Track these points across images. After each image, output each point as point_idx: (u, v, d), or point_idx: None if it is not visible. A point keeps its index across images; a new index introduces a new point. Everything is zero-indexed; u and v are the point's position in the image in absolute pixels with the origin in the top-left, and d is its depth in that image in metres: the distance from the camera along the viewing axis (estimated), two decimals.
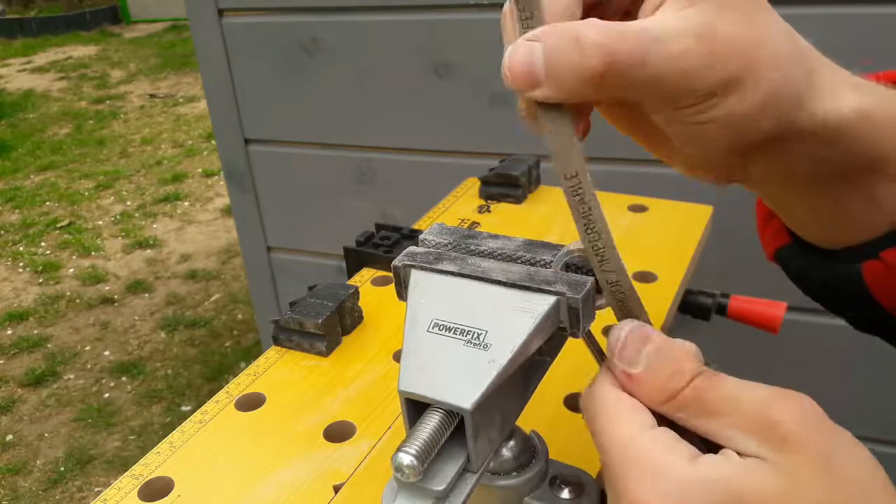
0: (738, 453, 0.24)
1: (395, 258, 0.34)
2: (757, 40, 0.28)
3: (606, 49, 0.25)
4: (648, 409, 0.26)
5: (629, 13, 0.30)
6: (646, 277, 0.61)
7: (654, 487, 0.23)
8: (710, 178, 0.33)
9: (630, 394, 0.26)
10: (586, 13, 0.29)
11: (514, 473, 0.35)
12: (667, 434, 0.25)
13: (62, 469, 2.05)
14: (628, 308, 0.30)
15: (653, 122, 0.30)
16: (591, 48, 0.25)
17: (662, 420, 0.26)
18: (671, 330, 0.59)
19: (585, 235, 0.29)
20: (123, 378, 2.40)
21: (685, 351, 0.26)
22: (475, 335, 0.30)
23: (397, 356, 0.54)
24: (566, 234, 0.69)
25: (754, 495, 0.23)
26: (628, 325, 0.28)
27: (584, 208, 0.28)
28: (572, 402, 0.48)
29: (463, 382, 0.29)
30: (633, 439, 0.24)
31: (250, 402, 0.50)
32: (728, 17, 0.27)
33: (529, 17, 0.27)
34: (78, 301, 2.85)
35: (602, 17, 0.27)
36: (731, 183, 0.33)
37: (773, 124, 0.29)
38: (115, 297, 2.85)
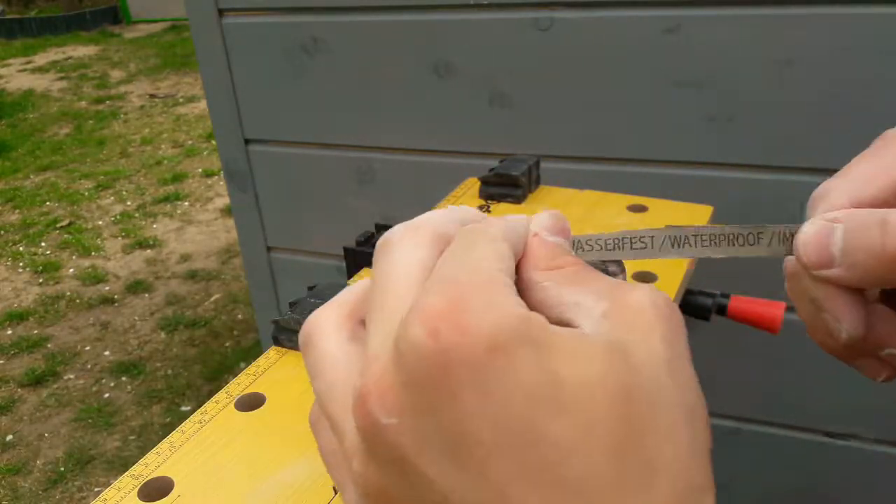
0: (574, 326, 0.22)
1: None
2: None
3: None
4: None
5: None
6: (646, 277, 0.61)
7: (479, 303, 0.20)
8: None
9: (525, 250, 0.26)
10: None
11: None
12: (513, 284, 0.23)
13: (62, 469, 2.05)
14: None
15: None
16: (893, 230, 0.25)
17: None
18: None
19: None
20: (123, 378, 2.40)
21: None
22: None
23: None
24: None
25: (566, 352, 0.20)
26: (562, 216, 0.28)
27: None
28: None
29: None
30: (490, 269, 0.22)
31: (250, 402, 0.50)
32: None
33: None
34: (78, 301, 2.85)
35: None
36: None
37: None
38: (115, 297, 2.85)
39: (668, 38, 0.92)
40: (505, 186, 0.76)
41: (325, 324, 0.25)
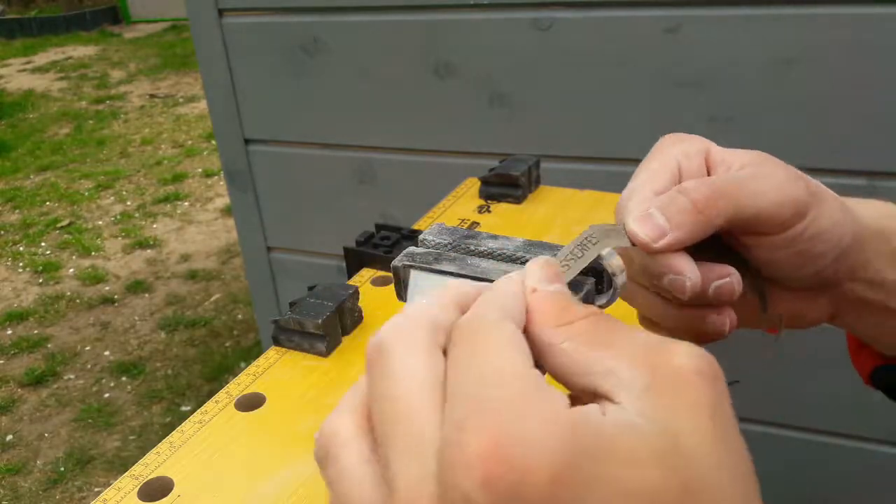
0: (611, 401, 0.21)
1: (394, 258, 0.34)
2: (804, 176, 0.35)
3: (704, 183, 0.34)
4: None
5: None
6: None
7: (522, 428, 0.19)
8: (803, 325, 0.40)
9: (527, 310, 0.24)
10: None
11: None
12: (542, 376, 0.22)
13: (62, 469, 2.05)
14: None
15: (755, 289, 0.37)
16: (692, 189, 0.33)
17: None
18: None
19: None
20: (123, 378, 2.40)
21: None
22: None
23: None
24: (566, 234, 0.69)
25: (625, 459, 0.19)
26: (557, 257, 0.29)
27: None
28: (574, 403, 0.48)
29: None
30: (515, 372, 0.21)
31: (250, 402, 0.50)
32: (783, 164, 0.35)
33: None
34: (78, 301, 2.85)
35: None
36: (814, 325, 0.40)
37: (850, 240, 0.35)
38: (115, 297, 2.85)
39: (668, 38, 0.92)
40: (505, 186, 0.76)
41: (344, 435, 0.23)
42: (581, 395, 0.23)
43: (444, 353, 0.23)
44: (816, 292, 0.38)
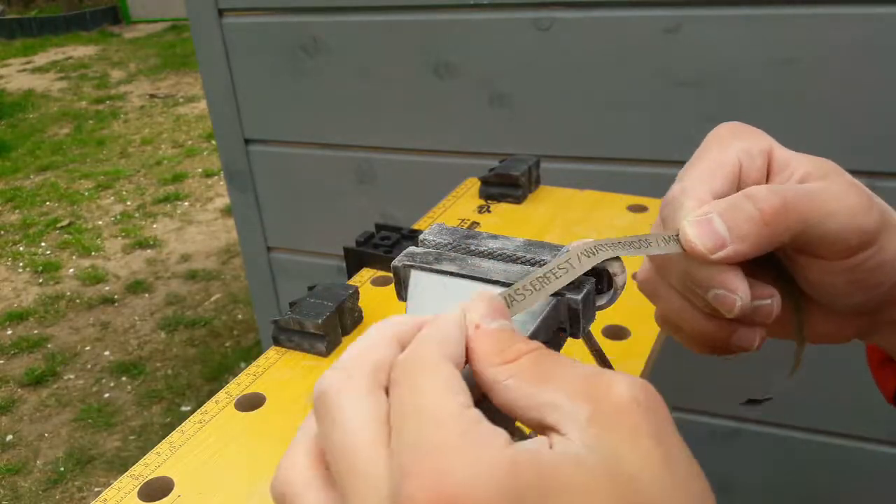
0: (558, 433, 0.22)
1: (394, 258, 0.34)
2: (875, 200, 0.32)
3: (775, 193, 0.30)
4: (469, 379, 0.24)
5: None
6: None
7: (463, 469, 0.20)
8: (835, 341, 0.37)
9: (468, 347, 0.25)
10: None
11: None
12: (481, 415, 0.22)
13: (62, 469, 2.05)
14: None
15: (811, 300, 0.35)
16: (762, 198, 0.30)
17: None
18: None
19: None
20: (123, 378, 2.40)
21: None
22: None
23: None
24: (566, 234, 0.69)
25: (570, 489, 0.20)
26: (498, 293, 0.28)
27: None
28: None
29: None
30: (453, 414, 0.21)
31: (250, 402, 0.50)
32: (854, 182, 0.32)
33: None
34: (78, 301, 2.85)
35: None
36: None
37: None
38: (115, 297, 2.85)
39: (668, 38, 0.92)
40: (505, 186, 0.76)
41: (300, 482, 0.24)
42: (532, 427, 0.23)
43: (387, 390, 0.23)
44: (857, 314, 0.35)
